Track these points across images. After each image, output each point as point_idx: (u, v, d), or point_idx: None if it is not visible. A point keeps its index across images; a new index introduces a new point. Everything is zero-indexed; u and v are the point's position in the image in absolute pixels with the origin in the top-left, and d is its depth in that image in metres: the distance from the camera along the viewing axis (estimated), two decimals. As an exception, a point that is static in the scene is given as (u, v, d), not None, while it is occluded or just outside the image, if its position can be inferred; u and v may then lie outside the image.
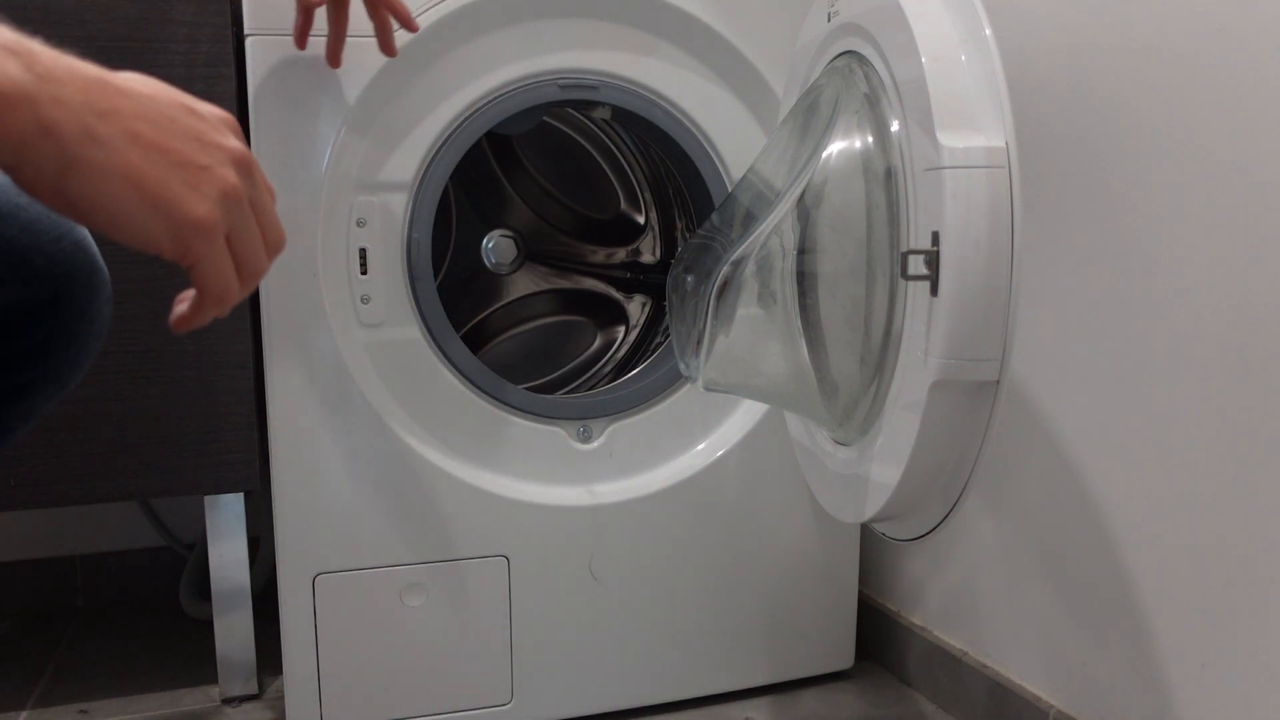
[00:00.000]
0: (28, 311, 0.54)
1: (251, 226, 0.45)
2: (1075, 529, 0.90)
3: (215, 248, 0.43)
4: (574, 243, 1.31)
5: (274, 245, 0.47)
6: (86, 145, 0.38)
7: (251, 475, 1.05)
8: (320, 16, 0.89)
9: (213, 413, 1.02)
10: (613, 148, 1.26)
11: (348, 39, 0.91)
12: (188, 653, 1.25)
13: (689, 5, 1.00)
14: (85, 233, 0.56)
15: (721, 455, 1.07)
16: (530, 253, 1.29)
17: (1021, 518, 0.97)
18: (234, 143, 0.44)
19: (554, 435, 1.03)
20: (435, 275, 0.98)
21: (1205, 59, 0.75)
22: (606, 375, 1.22)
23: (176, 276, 0.99)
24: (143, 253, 0.42)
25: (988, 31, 0.69)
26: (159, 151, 0.40)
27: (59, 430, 0.98)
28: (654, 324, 1.23)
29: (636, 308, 1.28)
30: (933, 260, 0.68)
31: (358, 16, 0.89)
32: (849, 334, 0.82)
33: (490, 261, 1.28)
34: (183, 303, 0.45)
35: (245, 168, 0.44)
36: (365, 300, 0.96)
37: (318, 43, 0.91)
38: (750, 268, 0.82)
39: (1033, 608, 0.96)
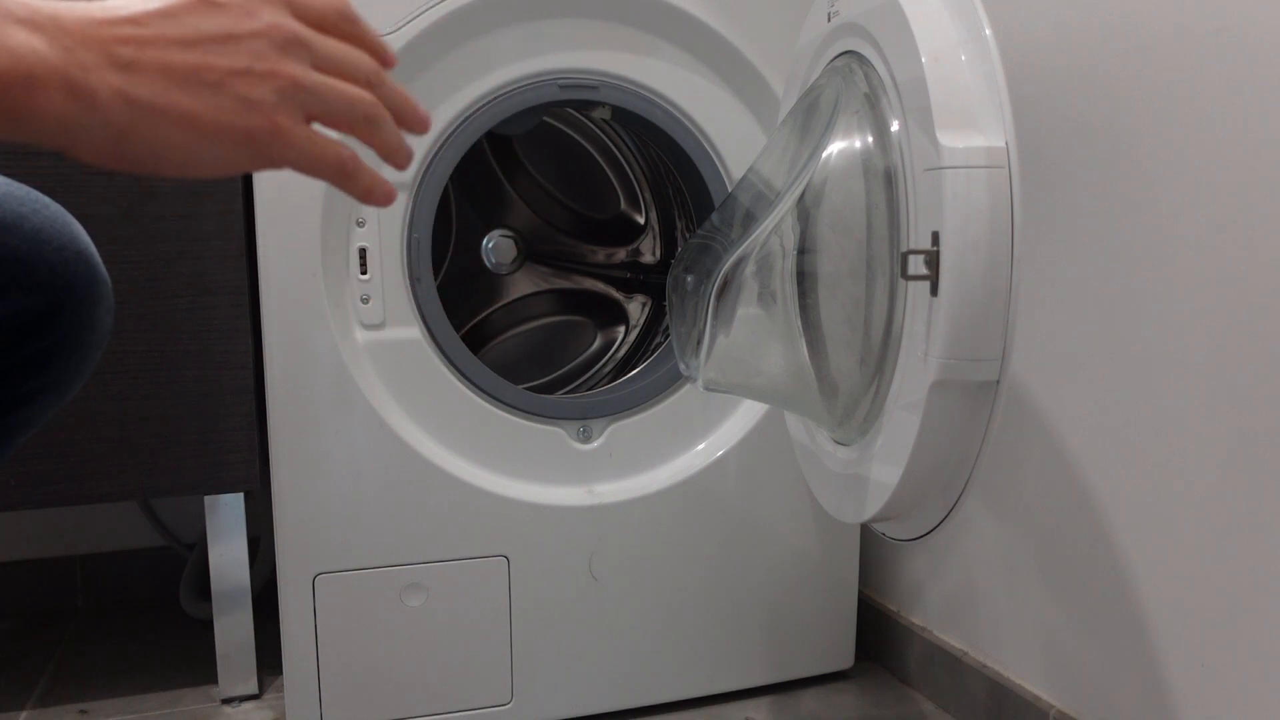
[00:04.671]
0: (30, 322, 0.53)
1: (331, 94, 0.41)
2: (1075, 529, 0.90)
3: (296, 143, 0.40)
4: (574, 243, 1.31)
5: (365, 81, 0.43)
6: (127, 110, 0.36)
7: (251, 475, 1.05)
8: None
9: (213, 413, 1.02)
10: (613, 148, 1.26)
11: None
12: (188, 653, 1.25)
13: (689, 5, 1.00)
14: (88, 242, 0.56)
15: (721, 455, 1.07)
16: (530, 253, 1.29)
17: (1021, 518, 0.97)
18: (265, 20, 0.39)
19: (554, 435, 1.03)
20: (435, 275, 0.98)
21: (1206, 58, 0.75)
22: (606, 375, 1.22)
23: (178, 276, 0.99)
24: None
25: (988, 31, 0.69)
26: (197, 78, 0.37)
27: (59, 430, 0.98)
28: (654, 324, 1.23)
29: (636, 308, 1.28)
30: (933, 260, 0.68)
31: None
32: (849, 334, 0.82)
33: (490, 261, 1.28)
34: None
35: (289, 39, 0.40)
36: (365, 300, 0.96)
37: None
38: (750, 268, 0.82)
39: (1033, 608, 0.96)
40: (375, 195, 0.43)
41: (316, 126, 0.42)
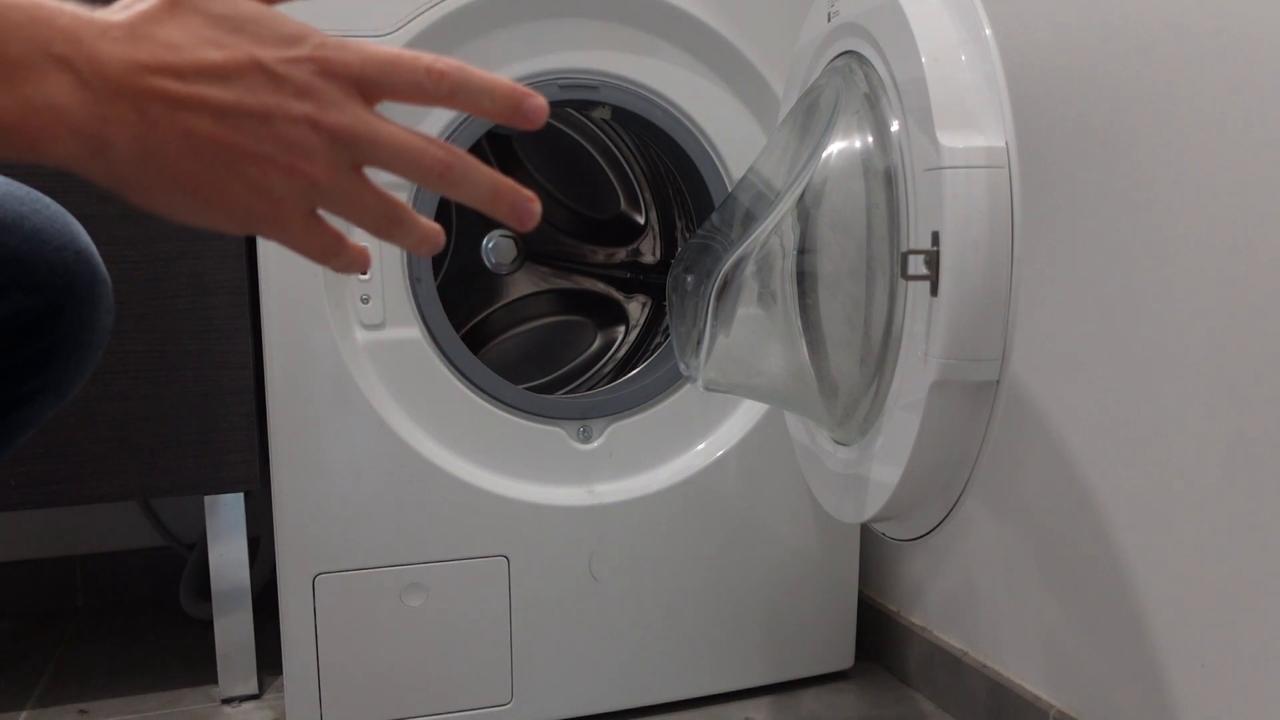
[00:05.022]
0: (30, 322, 0.53)
1: (345, 199, 0.39)
2: (1075, 529, 0.90)
3: (290, 232, 0.39)
4: (574, 243, 1.31)
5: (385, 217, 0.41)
6: (135, 163, 0.35)
7: (251, 475, 1.05)
8: None
9: (213, 413, 1.02)
10: (613, 148, 1.26)
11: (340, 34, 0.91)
12: (188, 653, 1.25)
13: (689, 5, 1.00)
14: (88, 242, 0.56)
15: (721, 455, 1.07)
16: (530, 253, 1.29)
17: (1021, 518, 0.97)
18: (309, 106, 0.37)
19: (554, 435, 1.03)
20: (435, 275, 0.98)
21: (1206, 58, 0.75)
22: (606, 375, 1.22)
23: (178, 276, 0.99)
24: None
25: (988, 31, 0.69)
26: (214, 154, 0.36)
27: (59, 430, 0.98)
28: (654, 324, 1.23)
29: (636, 308, 1.28)
30: (933, 260, 0.68)
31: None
32: (849, 334, 0.82)
33: (490, 261, 1.27)
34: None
35: (330, 132, 0.37)
36: (365, 300, 0.96)
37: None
38: (750, 268, 0.82)
39: (1032, 608, 0.96)
40: (352, 269, 0.44)
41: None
